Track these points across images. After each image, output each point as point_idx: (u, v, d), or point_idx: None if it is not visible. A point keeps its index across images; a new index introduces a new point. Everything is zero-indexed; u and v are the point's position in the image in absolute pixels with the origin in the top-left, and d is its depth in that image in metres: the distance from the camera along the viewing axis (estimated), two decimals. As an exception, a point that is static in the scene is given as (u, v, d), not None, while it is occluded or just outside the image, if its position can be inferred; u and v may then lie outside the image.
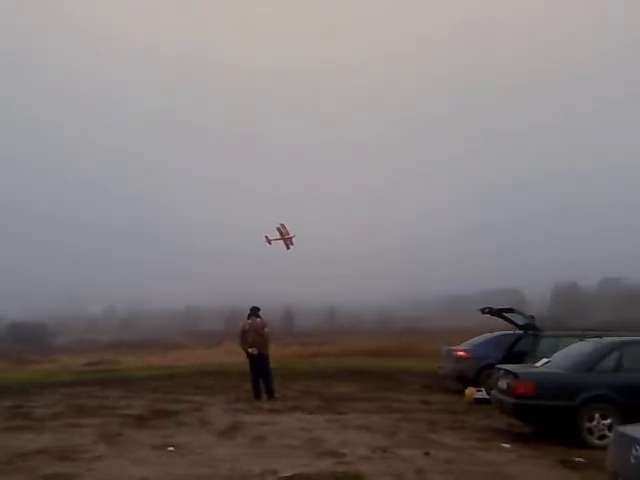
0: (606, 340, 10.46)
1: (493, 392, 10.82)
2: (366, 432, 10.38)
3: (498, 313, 14.84)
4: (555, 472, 7.79)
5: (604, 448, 7.90)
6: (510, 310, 14.73)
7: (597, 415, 9.30)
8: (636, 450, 3.98)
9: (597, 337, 11.08)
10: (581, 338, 11.48)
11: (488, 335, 16.83)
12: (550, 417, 9.57)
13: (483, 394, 13.50)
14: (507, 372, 10.31)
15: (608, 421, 9.20)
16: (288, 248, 35.93)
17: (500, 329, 16.94)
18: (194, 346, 40.75)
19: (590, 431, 9.29)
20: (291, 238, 35.46)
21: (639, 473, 3.98)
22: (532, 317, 14.91)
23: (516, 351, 14.25)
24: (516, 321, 14.91)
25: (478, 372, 15.21)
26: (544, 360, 10.67)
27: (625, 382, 9.44)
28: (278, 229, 35.42)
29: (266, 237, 35.85)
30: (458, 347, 16.81)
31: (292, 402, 13.91)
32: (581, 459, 8.27)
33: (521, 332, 14.83)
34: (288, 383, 17.26)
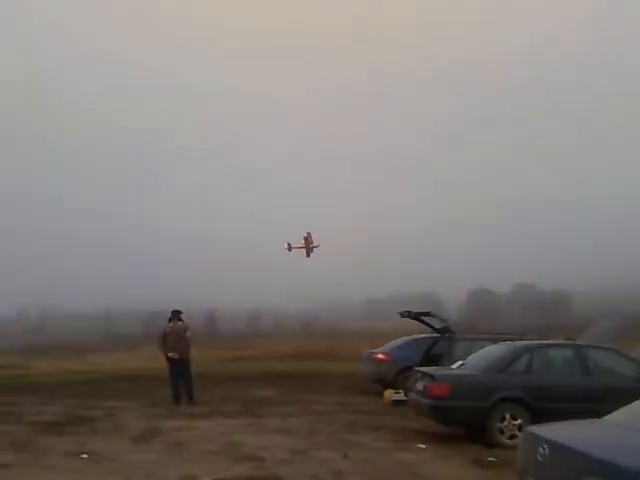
0: (517, 343, 10.91)
1: (411, 394, 11.06)
2: (285, 435, 10.40)
3: (417, 317, 15.21)
4: (468, 471, 8.05)
5: (514, 447, 8.24)
6: (428, 314, 15.13)
7: (508, 415, 9.66)
8: (543, 449, 4.14)
9: (509, 341, 11.55)
10: (494, 341, 11.93)
11: (407, 338, 17.20)
12: (464, 418, 9.88)
13: (401, 396, 13.77)
14: (424, 374, 10.57)
15: (518, 421, 9.56)
16: (308, 256, 36.89)
17: (418, 332, 17.35)
18: (112, 350, 39.59)
19: (501, 431, 9.64)
20: (314, 247, 36.46)
21: (546, 471, 4.14)
22: (446, 321, 15.37)
23: (433, 354, 14.63)
24: (433, 325, 15.32)
25: (397, 374, 15.51)
26: (459, 362, 11.01)
27: (534, 383, 9.86)
28: (305, 238, 36.35)
29: (288, 244, 36.58)
30: (378, 350, 17.10)
31: (212, 407, 13.75)
32: (493, 458, 8.57)
33: (438, 335, 15.23)
34: (209, 388, 17.03)
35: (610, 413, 4.72)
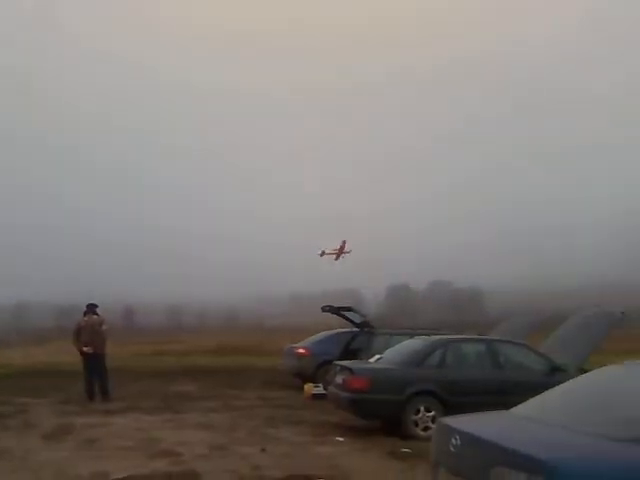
0: (432, 338, 11.24)
1: (330, 387, 11.19)
2: (205, 431, 10.30)
3: (337, 312, 15.39)
4: (383, 462, 8.23)
5: (428, 439, 8.47)
6: (349, 309, 15.33)
7: (422, 408, 9.94)
8: (455, 440, 4.25)
9: (425, 335, 11.87)
10: (411, 336, 12.23)
11: (327, 333, 17.37)
12: (381, 410, 10.10)
13: (320, 390, 13.91)
14: (343, 368, 10.72)
15: (432, 413, 9.85)
16: (336, 259, 38.37)
17: (340, 327, 17.57)
18: (23, 344, 37.94)
19: (416, 423, 9.91)
20: (346, 253, 38.41)
21: (458, 461, 4.26)
22: (366, 316, 15.62)
23: (353, 348, 14.84)
24: (353, 320, 15.53)
25: (317, 368, 15.63)
26: (377, 356, 11.23)
27: (448, 377, 10.19)
28: (341, 246, 38.54)
29: (322, 251, 38.84)
30: (298, 345, 17.19)
31: (129, 402, 13.44)
32: (407, 450, 8.78)
33: (358, 330, 15.46)
34: (126, 383, 16.62)
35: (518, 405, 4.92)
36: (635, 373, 4.51)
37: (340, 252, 39.49)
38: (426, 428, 9.70)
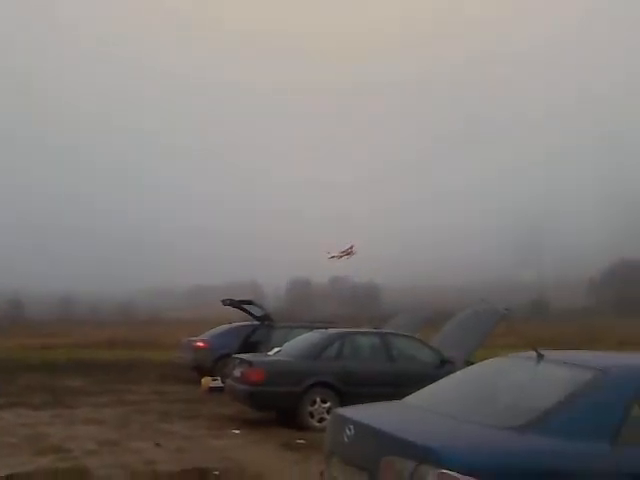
0: (330, 331, 11.44)
1: (228, 380, 11.15)
2: (96, 426, 9.99)
3: (238, 305, 15.33)
4: (278, 454, 8.31)
5: (323, 430, 8.60)
6: (249, 302, 15.31)
7: (318, 399, 10.11)
8: (349, 430, 4.32)
9: (323, 329, 12.06)
10: (310, 330, 12.39)
11: (226, 326, 17.26)
12: (278, 402, 10.18)
13: (218, 383, 13.82)
14: (242, 361, 10.71)
15: (328, 405, 10.03)
16: (339, 259, 38.80)
17: (241, 321, 17.50)
18: None
19: (311, 414, 10.06)
20: (349, 255, 38.78)
21: (351, 450, 4.35)
22: (266, 309, 15.65)
23: (252, 341, 14.82)
24: (254, 313, 15.52)
25: (215, 362, 15.51)
26: (276, 349, 11.30)
27: (344, 369, 10.41)
28: (351, 248, 38.59)
29: (333, 256, 38.73)
30: (197, 338, 16.99)
31: (14, 397, 12.78)
32: (302, 441, 8.91)
33: (258, 323, 15.47)
34: (11, 377, 15.82)
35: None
36: (519, 365, 4.77)
37: (346, 253, 41.60)
38: (321, 419, 9.86)
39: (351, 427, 4.34)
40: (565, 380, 4.13)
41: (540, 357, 4.47)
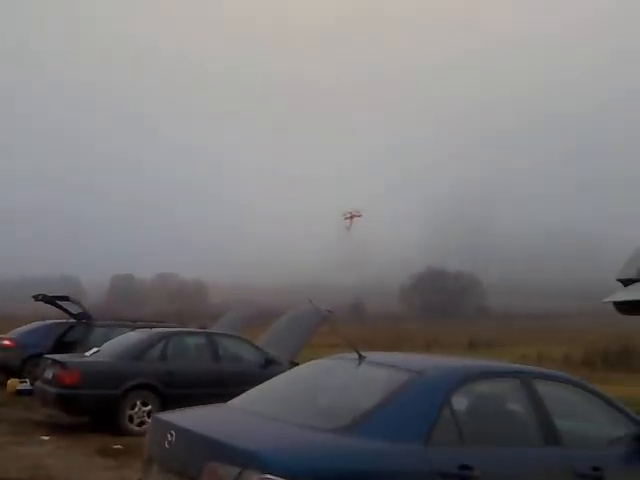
0: (154, 330, 11.07)
1: (37, 383, 10.37)
2: None
3: (52, 301, 14.33)
4: (91, 460, 7.87)
5: (142, 434, 8.29)
6: (65, 298, 14.38)
7: (139, 402, 9.71)
8: (171, 435, 4.16)
9: (147, 328, 11.65)
10: (133, 328, 11.90)
11: (37, 323, 16.07)
12: (94, 406, 9.63)
13: (27, 385, 12.81)
14: (54, 361, 10.00)
15: (149, 408, 9.68)
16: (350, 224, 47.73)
17: (55, 317, 16.35)
18: None
19: (130, 418, 9.64)
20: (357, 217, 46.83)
21: (172, 457, 4.18)
22: (84, 306, 14.79)
23: (67, 341, 13.95)
24: (70, 310, 14.61)
25: (23, 362, 14.37)
26: (94, 350, 10.70)
27: (168, 370, 10.11)
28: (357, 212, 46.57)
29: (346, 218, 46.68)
30: (3, 336, 15.64)
31: None
32: (119, 446, 8.52)
33: (74, 321, 14.59)
34: None
35: (234, 398, 5.04)
36: (342, 366, 4.90)
37: (356, 215, 47.93)
38: (141, 423, 9.49)
39: (172, 432, 4.20)
40: (383, 381, 4.32)
41: (361, 359, 4.63)
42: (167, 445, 4.19)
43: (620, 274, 7.69)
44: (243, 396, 4.92)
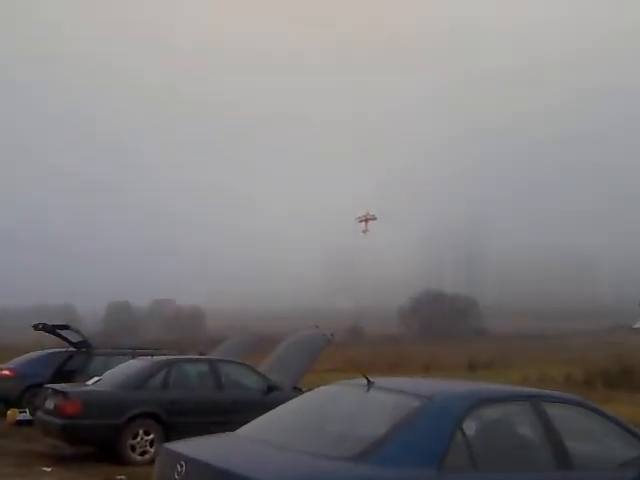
0: (155, 359, 10.98)
1: (39, 413, 10.26)
2: None
3: (52, 330, 14.25)
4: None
5: (145, 464, 8.22)
6: (65, 327, 14.30)
7: (141, 431, 9.58)
8: (181, 466, 4.13)
9: (147, 356, 11.56)
10: (133, 356, 11.82)
11: (37, 353, 15.94)
12: (97, 436, 9.52)
13: (27, 415, 12.67)
14: (55, 391, 9.91)
15: (151, 437, 9.56)
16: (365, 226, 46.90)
17: (54, 346, 16.23)
18: None
19: (133, 448, 9.52)
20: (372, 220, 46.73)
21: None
22: (83, 334, 14.71)
23: (67, 370, 13.83)
24: (70, 338, 14.52)
25: (23, 392, 14.22)
26: (95, 379, 10.61)
27: (170, 398, 10.00)
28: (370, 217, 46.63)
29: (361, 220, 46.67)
30: (2, 366, 15.50)
31: None
32: (122, 477, 8.42)
33: (74, 350, 14.49)
34: None
35: (241, 426, 4.99)
36: (350, 393, 4.88)
37: (371, 218, 46.84)
38: (144, 452, 9.39)
39: (182, 463, 4.17)
40: (394, 408, 4.31)
41: (370, 384, 4.61)
42: (177, 476, 4.15)
43: None
44: (251, 424, 4.89)
